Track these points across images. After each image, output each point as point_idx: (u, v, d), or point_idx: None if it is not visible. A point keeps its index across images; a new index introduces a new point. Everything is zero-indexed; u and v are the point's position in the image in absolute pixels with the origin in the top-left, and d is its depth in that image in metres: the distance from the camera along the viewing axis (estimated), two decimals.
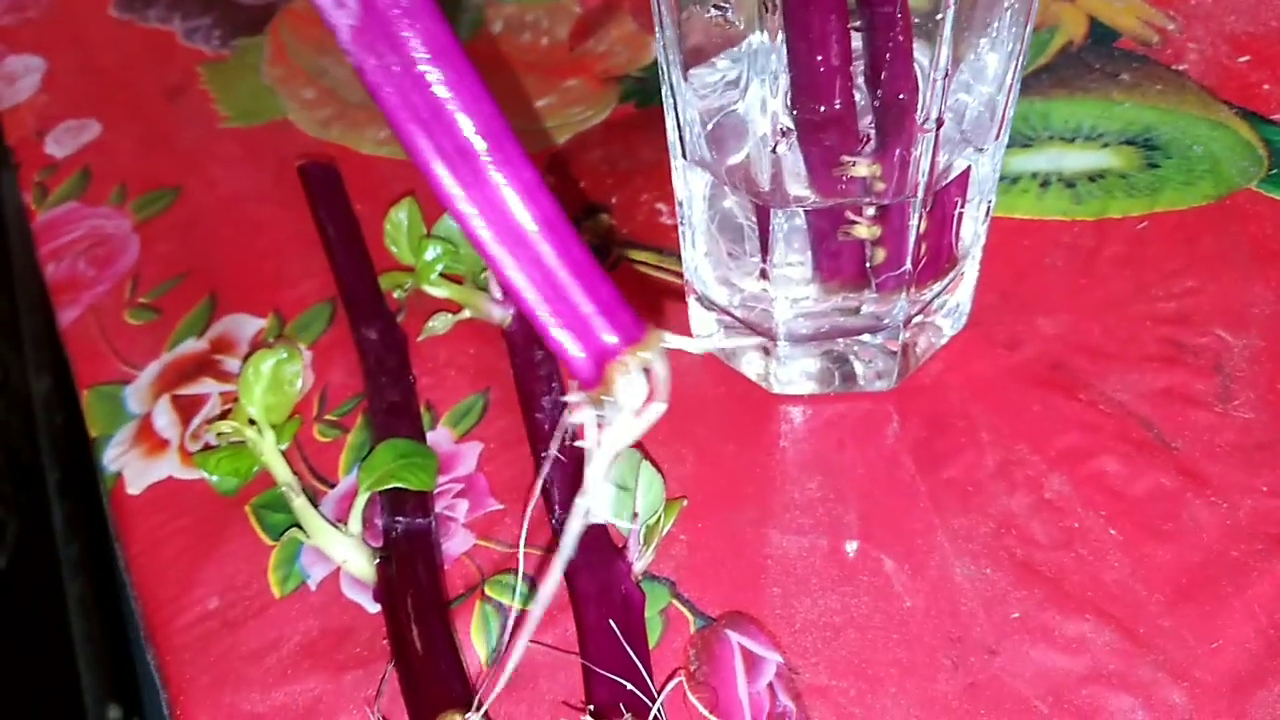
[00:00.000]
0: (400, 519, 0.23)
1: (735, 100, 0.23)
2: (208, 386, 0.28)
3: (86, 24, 0.43)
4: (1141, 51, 0.32)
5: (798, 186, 0.22)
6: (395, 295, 0.28)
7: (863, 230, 0.23)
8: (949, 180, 0.22)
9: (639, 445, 0.25)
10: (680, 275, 0.27)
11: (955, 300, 0.25)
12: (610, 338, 0.17)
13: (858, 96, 0.21)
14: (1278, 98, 0.30)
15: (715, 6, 0.20)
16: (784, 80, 0.20)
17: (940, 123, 0.20)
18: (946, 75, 0.19)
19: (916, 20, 0.20)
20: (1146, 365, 0.24)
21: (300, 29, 0.40)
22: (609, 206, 0.31)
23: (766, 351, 0.25)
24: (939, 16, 0.19)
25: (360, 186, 0.32)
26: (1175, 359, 0.24)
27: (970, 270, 0.25)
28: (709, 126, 0.23)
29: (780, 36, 0.20)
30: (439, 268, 0.26)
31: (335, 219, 0.29)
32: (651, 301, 0.28)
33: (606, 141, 0.33)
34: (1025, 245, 0.27)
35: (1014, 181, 0.29)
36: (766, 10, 0.19)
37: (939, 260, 0.24)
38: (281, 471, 0.24)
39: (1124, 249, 0.27)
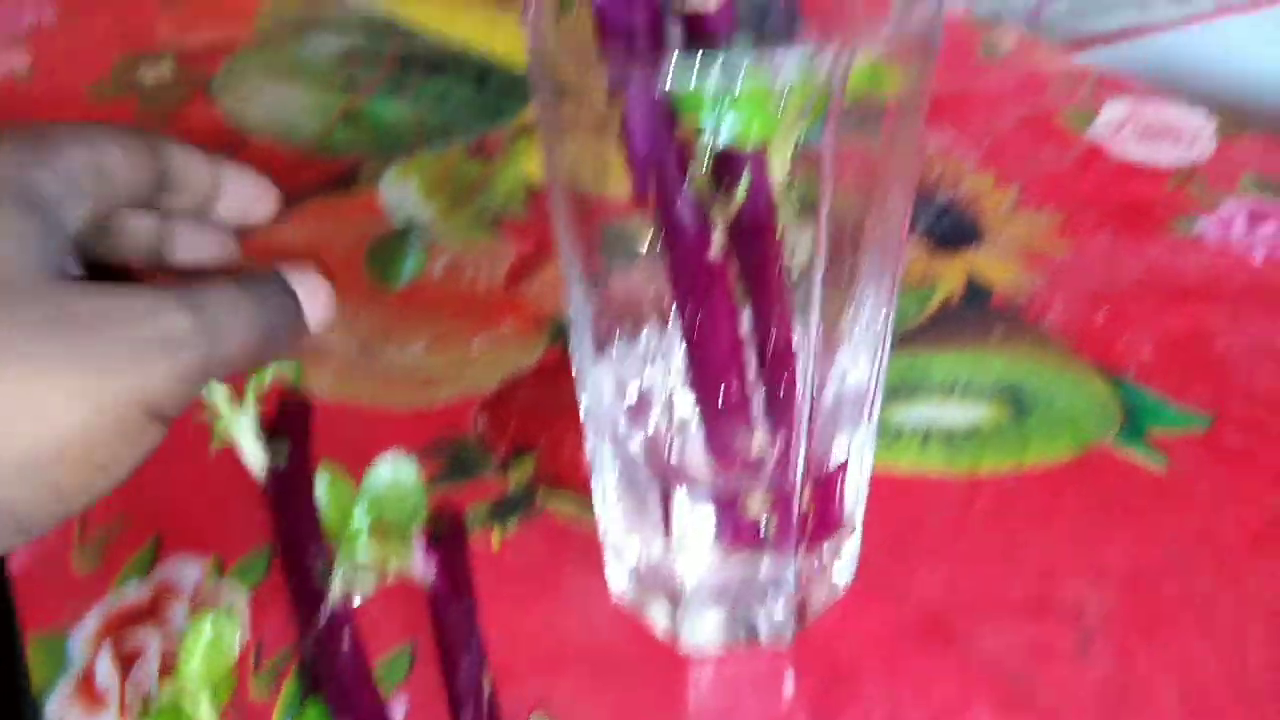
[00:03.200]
0: None
1: (638, 378, 0.26)
2: (149, 636, 0.30)
3: None
4: (1011, 309, 0.36)
5: (697, 465, 0.25)
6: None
7: (756, 505, 0.26)
8: (831, 457, 0.25)
9: (548, 708, 0.26)
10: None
11: (845, 558, 0.28)
12: None
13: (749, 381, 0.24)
14: (1131, 355, 0.34)
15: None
16: (679, 366, 0.23)
17: (816, 407, 0.23)
18: (818, 373, 0.22)
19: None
20: (1014, 620, 0.27)
21: (256, 261, 0.43)
22: (536, 449, 0.33)
23: (673, 608, 0.27)
24: (808, 303, 0.22)
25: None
26: (1040, 613, 0.27)
27: (856, 530, 0.28)
28: (610, 397, 0.26)
29: (672, 326, 0.23)
30: (366, 532, 0.28)
31: (295, 463, 0.31)
32: (572, 550, 0.30)
33: (537, 385, 0.36)
34: (908, 500, 0.30)
35: (897, 436, 0.32)
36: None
37: (827, 524, 0.27)
38: None
39: (995, 504, 0.30)
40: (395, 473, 0.31)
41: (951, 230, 0.39)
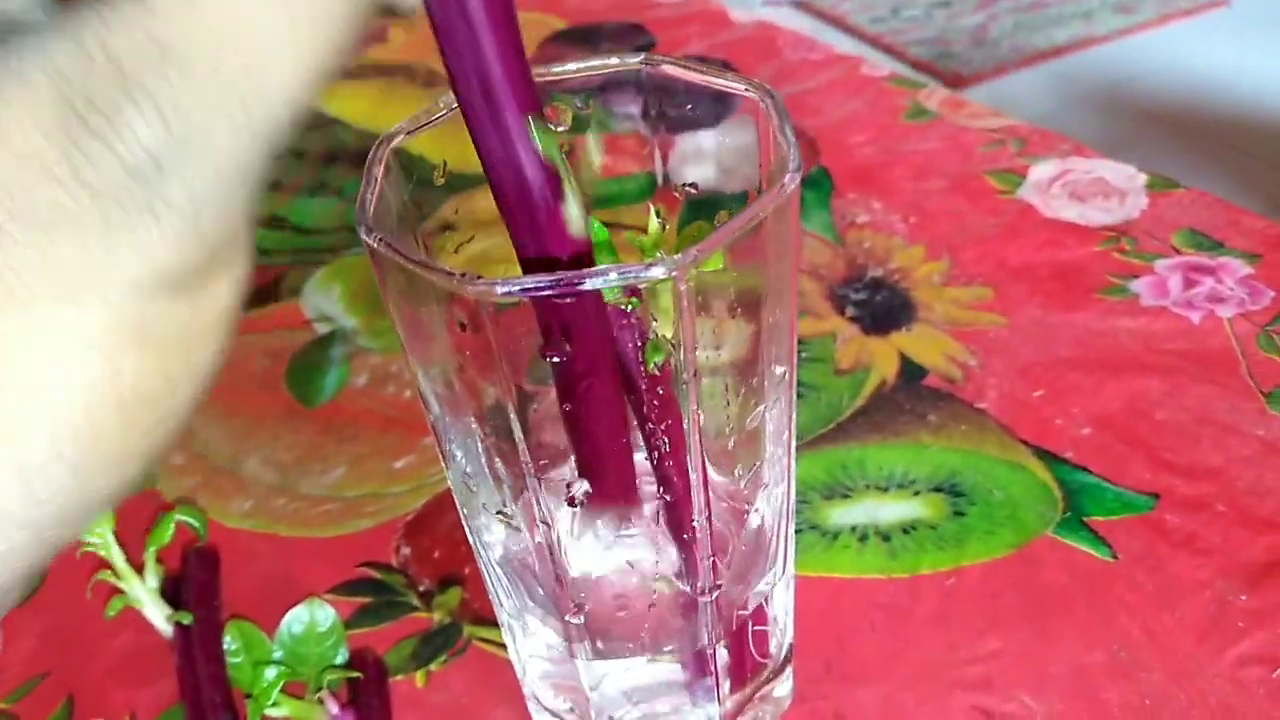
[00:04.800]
0: None
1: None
2: None
3: None
4: (947, 389, 0.35)
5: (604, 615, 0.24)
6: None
7: (664, 659, 0.24)
8: (747, 610, 0.24)
9: None
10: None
11: (781, 682, 0.27)
12: None
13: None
14: (1069, 434, 0.33)
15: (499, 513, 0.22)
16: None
17: (721, 583, 0.22)
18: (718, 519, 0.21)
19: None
20: None
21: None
22: (462, 578, 0.32)
23: None
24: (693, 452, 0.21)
25: (225, 560, 0.33)
26: None
27: (784, 664, 0.27)
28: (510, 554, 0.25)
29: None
30: (279, 689, 0.27)
31: (202, 618, 0.30)
32: (498, 687, 0.29)
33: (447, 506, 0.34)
34: (846, 607, 0.29)
35: (835, 538, 0.31)
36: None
37: (752, 666, 0.26)
38: None
39: (935, 607, 0.29)
40: (312, 620, 0.30)
41: (883, 310, 0.39)
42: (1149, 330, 0.37)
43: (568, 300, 0.18)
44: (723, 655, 0.24)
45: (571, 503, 0.21)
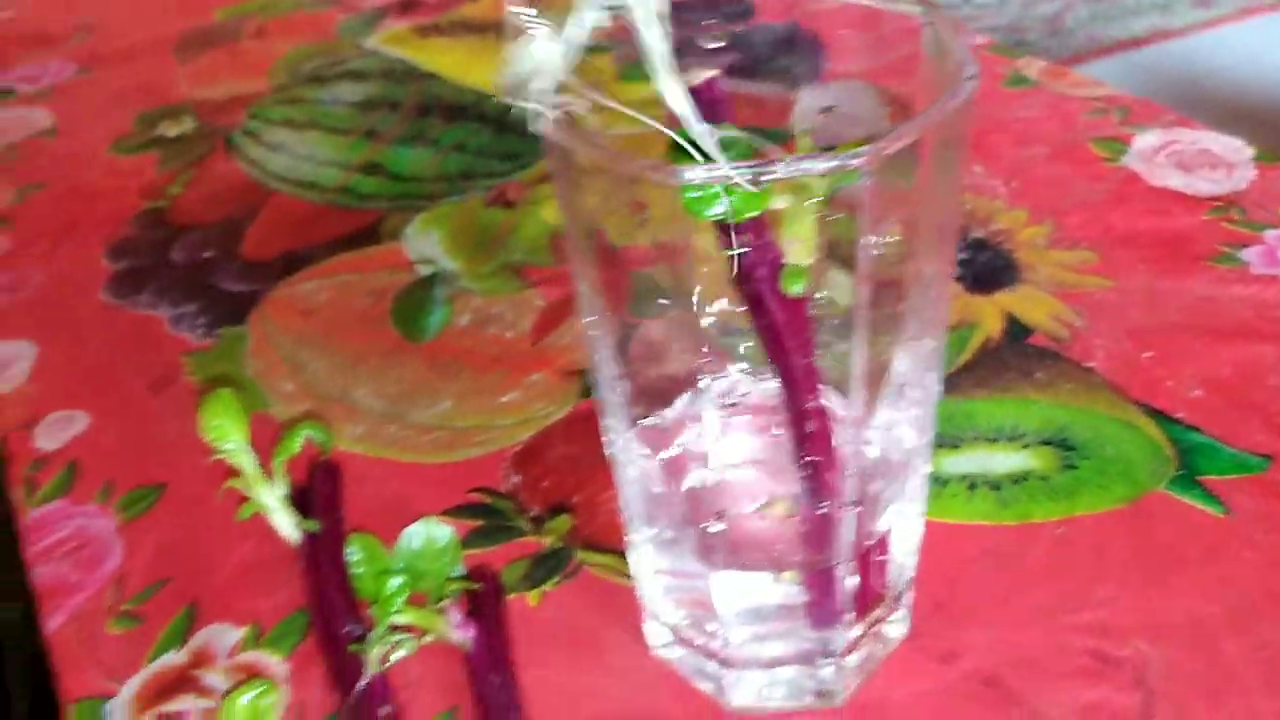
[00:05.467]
0: None
1: (673, 445, 0.26)
2: (188, 704, 0.29)
3: (77, 308, 0.45)
4: (1054, 348, 0.35)
5: (738, 529, 0.24)
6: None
7: (787, 576, 0.25)
8: (877, 525, 0.24)
9: None
10: None
11: (896, 618, 0.27)
12: None
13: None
14: (1180, 396, 0.33)
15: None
16: (726, 427, 0.23)
17: (859, 502, 0.22)
18: (862, 455, 0.22)
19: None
20: (1073, 680, 0.26)
21: (281, 318, 0.42)
22: (571, 506, 0.33)
23: (717, 670, 0.26)
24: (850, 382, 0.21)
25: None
26: (1100, 673, 0.26)
27: (905, 593, 0.27)
28: (647, 470, 0.26)
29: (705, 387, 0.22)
30: (402, 598, 0.27)
31: (328, 529, 0.30)
32: (611, 609, 0.29)
33: (568, 438, 0.35)
34: (957, 550, 0.30)
35: (944, 484, 0.31)
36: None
37: (871, 595, 0.26)
38: None
39: (1047, 555, 0.29)
40: (429, 536, 0.30)
41: (986, 270, 0.39)
42: (1260, 298, 0.36)
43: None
44: (848, 581, 0.24)
45: (733, 407, 0.21)
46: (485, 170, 0.50)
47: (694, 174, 0.17)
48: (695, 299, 0.20)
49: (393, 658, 0.28)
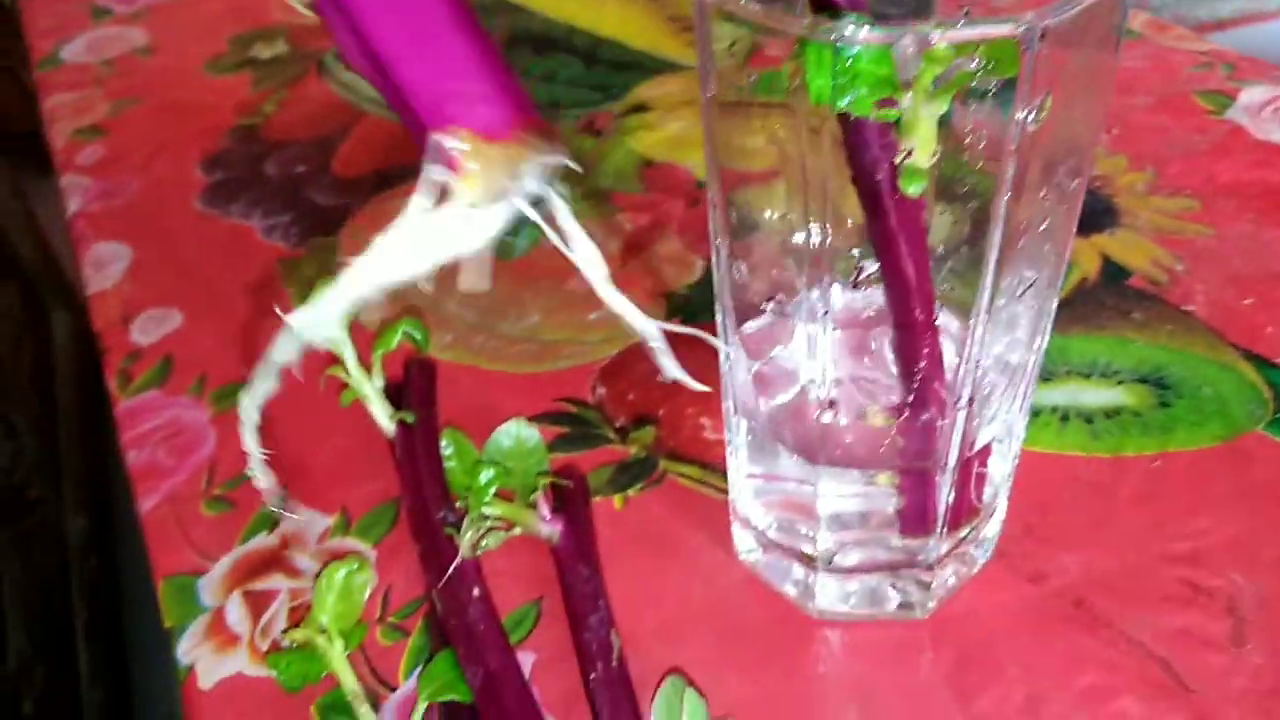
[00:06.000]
0: None
1: (775, 349, 0.26)
2: (278, 582, 0.30)
3: (172, 215, 0.47)
4: (1152, 291, 0.35)
5: (838, 439, 0.24)
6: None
7: (883, 479, 0.25)
8: (975, 447, 0.24)
9: (683, 668, 0.26)
10: (723, 491, 0.29)
11: (984, 535, 0.27)
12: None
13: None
14: None
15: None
16: (833, 335, 0.23)
17: (971, 400, 0.22)
18: (977, 363, 0.22)
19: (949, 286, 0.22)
20: (1163, 605, 0.26)
21: (372, 231, 0.43)
22: (656, 419, 0.33)
23: (804, 575, 0.27)
24: (975, 316, 0.21)
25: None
26: (1190, 600, 0.26)
27: (998, 508, 0.27)
28: (749, 371, 0.26)
29: (817, 297, 0.22)
30: (492, 490, 0.28)
31: (422, 420, 0.31)
32: (695, 515, 0.30)
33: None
34: (1047, 478, 0.29)
35: (1035, 415, 0.31)
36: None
37: (965, 507, 0.26)
38: (348, 679, 0.26)
39: (1140, 487, 0.29)
40: (519, 436, 0.31)
41: (1084, 213, 0.38)
42: None
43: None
44: (945, 489, 0.24)
45: (857, 283, 0.21)
46: (574, 100, 0.50)
47: (860, 33, 0.17)
48: (804, 209, 0.20)
49: (483, 545, 0.29)
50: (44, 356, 0.97)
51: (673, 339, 0.26)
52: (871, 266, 0.21)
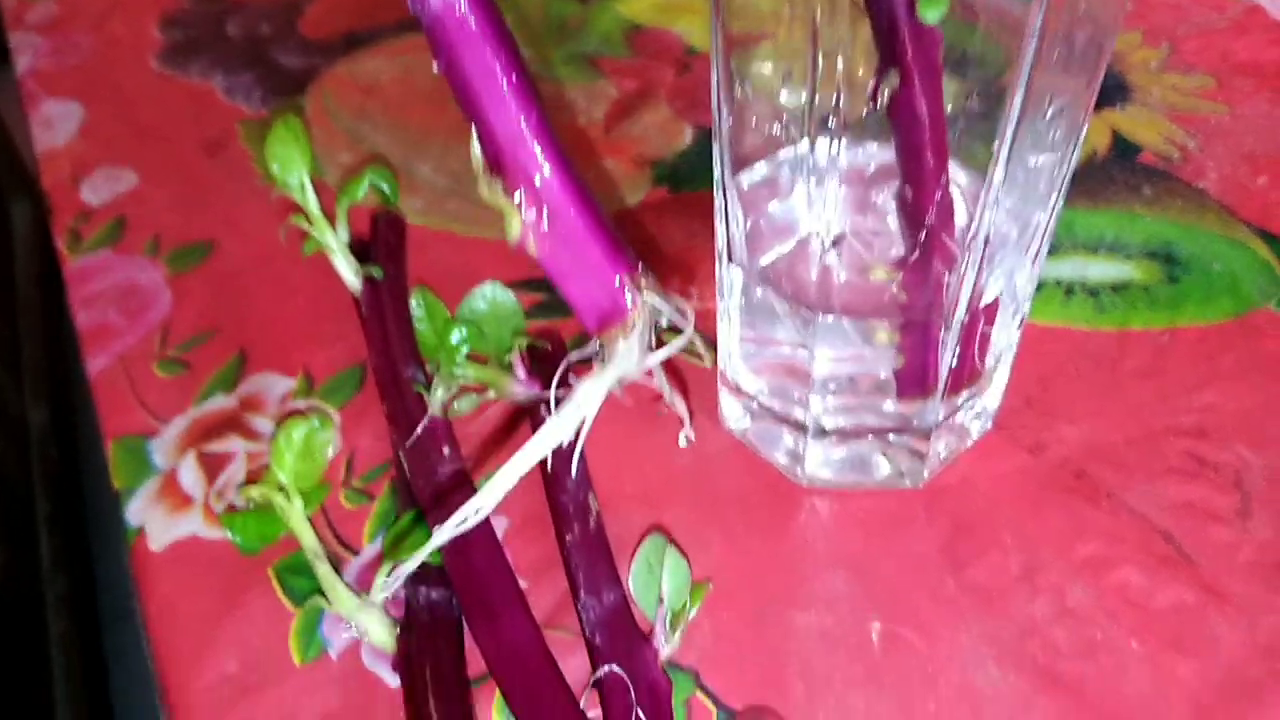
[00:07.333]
0: (423, 590, 0.23)
1: (773, 202, 0.24)
2: (234, 444, 0.28)
3: (127, 75, 0.44)
4: (1162, 167, 0.33)
5: (838, 292, 0.23)
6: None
7: (883, 337, 0.23)
8: (981, 302, 0.22)
9: (664, 530, 0.25)
10: (704, 360, 0.28)
11: (983, 404, 0.26)
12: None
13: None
14: None
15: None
16: (836, 188, 0.21)
17: (987, 242, 0.21)
18: (995, 203, 0.20)
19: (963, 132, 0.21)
20: (1168, 478, 0.25)
21: (341, 93, 0.40)
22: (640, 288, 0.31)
23: (795, 442, 0.25)
24: (994, 156, 0.19)
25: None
26: (1196, 473, 0.25)
27: (1000, 377, 0.25)
28: (745, 225, 0.24)
29: (817, 150, 0.20)
30: (464, 350, 0.26)
31: (390, 276, 0.29)
32: (679, 386, 0.28)
33: (640, 224, 0.33)
34: (1049, 351, 0.28)
35: (1039, 288, 0.29)
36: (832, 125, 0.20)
37: (967, 370, 0.25)
38: (308, 538, 0.24)
39: (1146, 361, 0.28)
40: (494, 299, 0.29)
41: None
42: None
43: None
44: (948, 346, 0.23)
45: (875, 100, 0.19)
46: None
47: None
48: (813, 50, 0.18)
49: (455, 408, 0.27)
50: (4, 247, 0.93)
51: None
52: (885, 97, 0.19)
